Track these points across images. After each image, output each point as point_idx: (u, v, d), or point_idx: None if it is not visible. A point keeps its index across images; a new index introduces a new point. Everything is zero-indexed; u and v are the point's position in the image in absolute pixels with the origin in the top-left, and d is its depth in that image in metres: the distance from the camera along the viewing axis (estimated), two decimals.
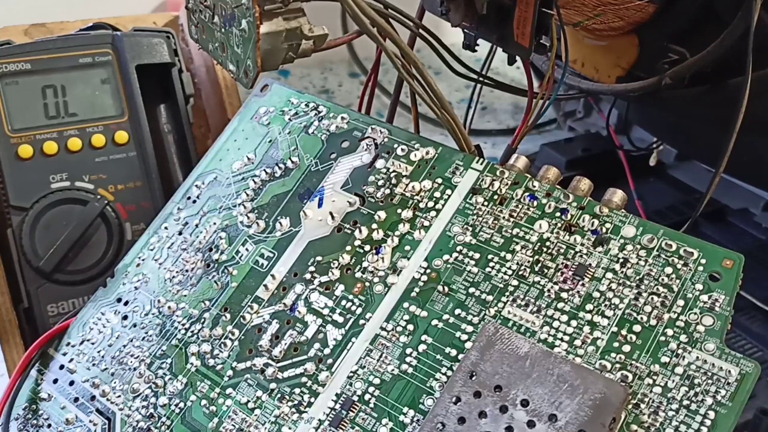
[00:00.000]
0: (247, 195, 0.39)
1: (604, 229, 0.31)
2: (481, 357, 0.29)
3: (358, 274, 0.34)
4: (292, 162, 0.39)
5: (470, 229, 0.33)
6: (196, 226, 0.39)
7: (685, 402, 0.27)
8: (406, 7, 0.39)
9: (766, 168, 0.50)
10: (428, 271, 0.33)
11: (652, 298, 0.29)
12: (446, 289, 0.32)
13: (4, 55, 0.45)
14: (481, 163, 0.35)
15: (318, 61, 1.00)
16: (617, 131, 0.66)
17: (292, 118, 0.40)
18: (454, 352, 0.31)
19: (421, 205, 0.35)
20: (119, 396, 0.36)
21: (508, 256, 0.32)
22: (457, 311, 0.32)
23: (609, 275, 0.30)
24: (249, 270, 0.37)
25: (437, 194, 0.35)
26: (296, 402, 0.32)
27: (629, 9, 0.41)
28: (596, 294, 0.30)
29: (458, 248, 0.33)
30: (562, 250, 0.31)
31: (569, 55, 0.41)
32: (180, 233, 0.40)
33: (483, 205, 0.34)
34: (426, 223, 0.34)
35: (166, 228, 0.40)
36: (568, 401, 0.27)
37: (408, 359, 0.31)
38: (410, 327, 0.32)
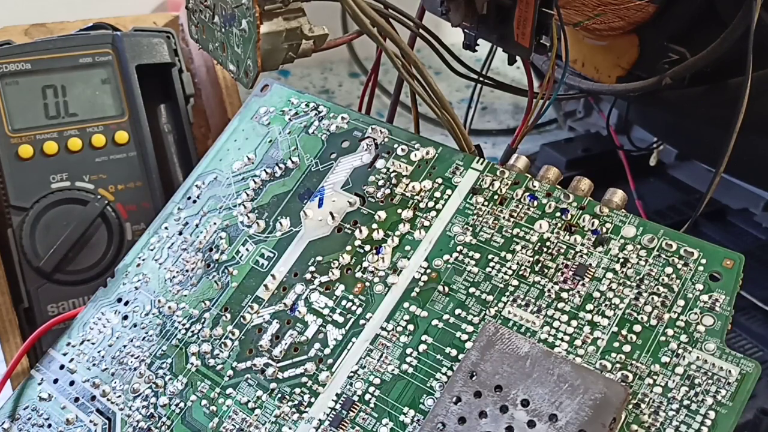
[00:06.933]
0: (248, 195, 0.39)
1: (604, 229, 0.31)
2: (482, 357, 0.29)
3: (359, 274, 0.34)
4: (293, 162, 0.39)
5: (470, 229, 0.33)
6: (197, 226, 0.39)
7: (686, 402, 0.27)
8: (406, 7, 0.39)
9: (766, 168, 0.50)
10: (428, 271, 0.33)
11: (653, 298, 0.29)
12: (446, 289, 0.32)
13: (4, 55, 0.45)
14: (482, 163, 0.35)
15: (318, 61, 1.00)
16: (617, 131, 0.66)
17: (293, 118, 0.40)
18: (454, 352, 0.31)
19: (422, 205, 0.35)
20: (119, 396, 0.36)
21: (509, 256, 0.32)
22: (458, 311, 0.32)
23: (609, 275, 0.30)
24: (249, 270, 0.37)
25: (437, 194, 0.35)
26: (296, 402, 0.32)
27: (629, 9, 0.41)
28: (596, 294, 0.30)
29: (458, 248, 0.33)
30: (562, 250, 0.31)
31: (569, 55, 0.41)
32: (180, 233, 0.40)
33: (483, 205, 0.34)
34: (426, 223, 0.34)
35: (166, 228, 0.40)
36: (568, 401, 0.27)
37: (408, 359, 0.31)
38: (410, 327, 0.32)
